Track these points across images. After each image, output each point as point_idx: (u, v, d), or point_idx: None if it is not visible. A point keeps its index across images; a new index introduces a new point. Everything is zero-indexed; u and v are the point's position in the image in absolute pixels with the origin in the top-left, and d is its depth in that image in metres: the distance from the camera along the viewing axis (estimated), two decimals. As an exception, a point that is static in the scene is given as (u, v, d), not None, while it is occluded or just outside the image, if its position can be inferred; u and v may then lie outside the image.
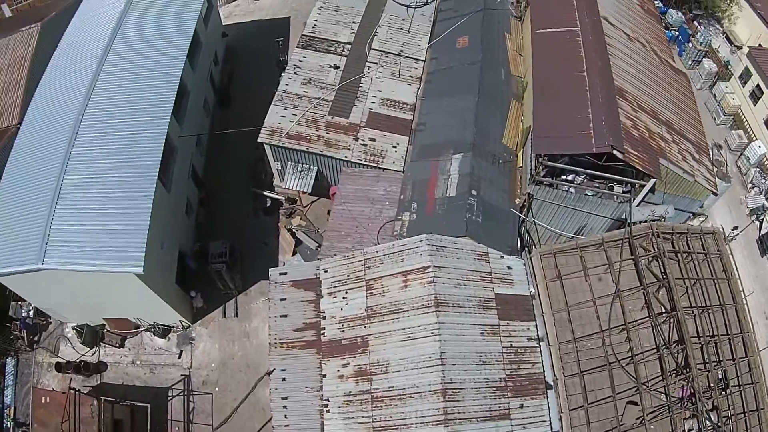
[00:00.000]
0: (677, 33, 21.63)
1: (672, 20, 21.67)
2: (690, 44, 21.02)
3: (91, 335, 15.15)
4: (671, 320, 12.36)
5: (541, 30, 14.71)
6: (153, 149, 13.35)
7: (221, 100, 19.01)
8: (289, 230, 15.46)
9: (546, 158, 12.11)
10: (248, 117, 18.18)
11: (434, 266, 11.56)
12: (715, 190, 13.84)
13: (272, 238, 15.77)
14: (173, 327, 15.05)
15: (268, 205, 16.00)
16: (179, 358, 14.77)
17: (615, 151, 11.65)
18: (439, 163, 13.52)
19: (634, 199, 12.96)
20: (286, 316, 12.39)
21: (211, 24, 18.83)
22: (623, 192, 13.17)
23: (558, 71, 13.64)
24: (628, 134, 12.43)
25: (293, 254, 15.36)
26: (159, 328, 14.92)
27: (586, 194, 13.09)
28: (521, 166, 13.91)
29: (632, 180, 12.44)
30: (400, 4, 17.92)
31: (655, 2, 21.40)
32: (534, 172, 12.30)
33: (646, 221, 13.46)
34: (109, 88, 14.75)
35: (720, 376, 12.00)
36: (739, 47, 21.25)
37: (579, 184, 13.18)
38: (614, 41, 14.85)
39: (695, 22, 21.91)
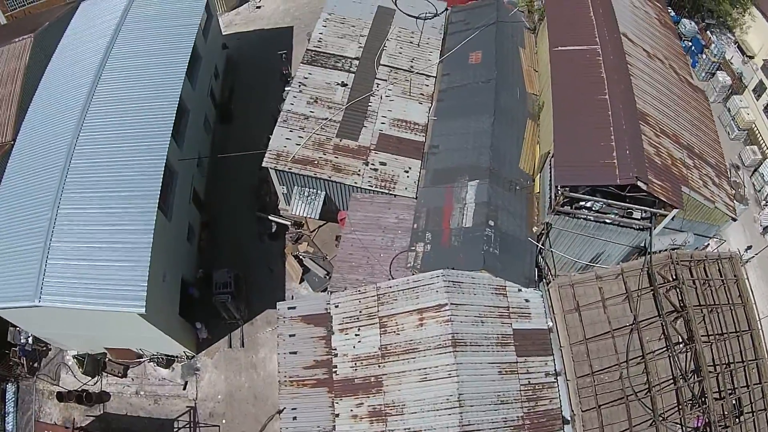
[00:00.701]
0: (690, 44, 21.21)
1: (685, 30, 21.33)
2: (704, 56, 20.69)
3: (93, 364, 14.90)
4: (689, 350, 12.20)
5: (560, 48, 14.26)
6: (152, 177, 12.99)
7: (222, 115, 18.54)
8: (296, 257, 15.10)
9: (567, 188, 11.71)
10: (251, 134, 17.72)
11: (451, 304, 11.33)
12: (734, 216, 13.61)
13: (278, 264, 15.47)
14: (177, 357, 14.72)
15: (273, 230, 15.62)
16: (184, 389, 14.51)
17: (639, 183, 11.29)
18: (454, 190, 13.17)
19: (654, 228, 12.63)
20: (295, 353, 12.11)
21: (211, 35, 18.26)
22: (642, 218, 12.86)
23: (578, 94, 13.29)
24: (651, 162, 12.13)
25: (300, 281, 15.02)
26: (162, 358, 14.60)
27: (605, 222, 12.74)
28: (538, 192, 13.52)
29: (653, 210, 12.08)
30: (408, 15, 17.33)
31: (669, 11, 20.94)
32: (554, 203, 11.91)
33: (665, 250, 13.25)
34: (104, 110, 14.39)
35: (734, 403, 11.91)
36: (752, 57, 20.93)
37: (598, 210, 12.84)
38: (635, 60, 14.46)
39: (707, 32, 21.50)
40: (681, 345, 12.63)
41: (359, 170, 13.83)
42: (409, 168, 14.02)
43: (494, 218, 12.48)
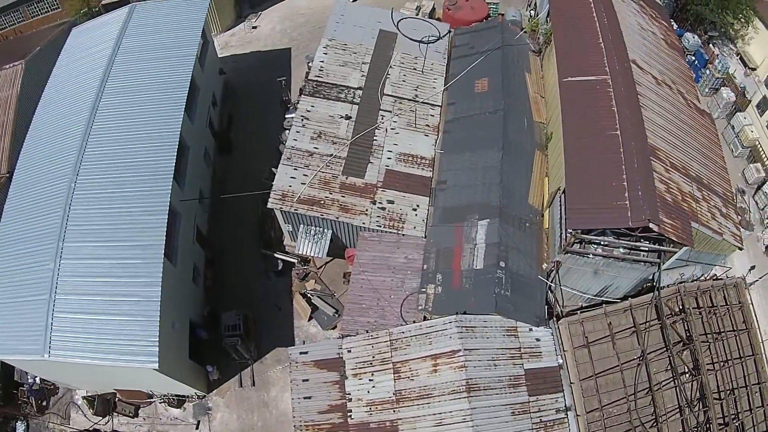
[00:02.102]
0: (694, 58, 21.57)
1: (689, 44, 21.81)
2: (708, 71, 21.09)
3: (103, 405, 15.58)
4: (695, 380, 12.84)
5: (569, 79, 14.58)
6: (156, 224, 13.39)
7: (222, 146, 18.91)
8: (304, 295, 15.42)
9: (579, 231, 12.12)
10: (252, 165, 18.02)
11: (465, 349, 11.92)
12: (741, 246, 14.18)
13: (286, 302, 16.03)
14: (188, 397, 15.15)
15: (279, 267, 15.96)
16: (197, 428, 15.12)
17: (652, 225, 11.77)
18: (464, 229, 13.67)
19: (663, 263, 13.11)
20: (309, 397, 12.61)
21: (208, 62, 18.56)
22: (650, 250, 13.35)
23: (589, 130, 13.94)
24: (662, 200, 12.72)
25: (309, 319, 15.40)
26: (173, 398, 14.99)
27: (614, 259, 13.21)
28: (548, 227, 13.92)
29: (662, 248, 12.56)
30: (411, 39, 17.44)
31: (672, 23, 21.22)
32: (565, 243, 12.33)
33: (674, 284, 13.78)
34: (102, 152, 14.76)
35: (737, 426, 12.66)
36: (754, 69, 21.36)
37: (607, 245, 13.28)
38: (644, 89, 14.96)
39: (710, 45, 21.88)
40: (687, 375, 13.31)
41: (367, 210, 14.28)
42: (417, 205, 14.48)
43: (505, 259, 12.98)
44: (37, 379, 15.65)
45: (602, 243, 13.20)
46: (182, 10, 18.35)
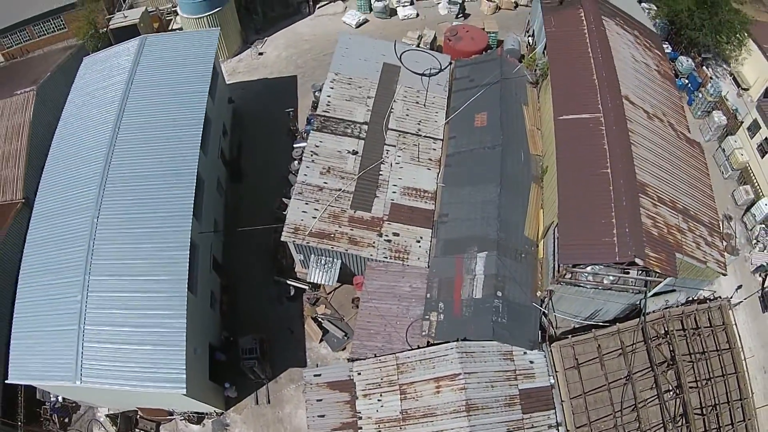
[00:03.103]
0: (687, 81, 23.17)
1: (682, 68, 23.45)
2: (700, 94, 22.74)
3: (125, 422, 17.48)
4: (678, 397, 14.73)
5: (564, 117, 16.28)
6: (179, 260, 14.92)
7: (233, 174, 20.77)
8: (315, 319, 17.27)
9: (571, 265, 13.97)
10: (263, 193, 19.83)
11: (465, 373, 13.73)
12: (724, 272, 15.97)
13: (298, 325, 17.92)
14: (207, 414, 17.02)
15: (291, 293, 17.81)
16: (214, 445, 16.84)
17: (637, 259, 13.56)
18: (464, 260, 15.50)
19: (649, 291, 14.94)
20: (323, 416, 14.48)
21: (218, 93, 20.36)
22: (637, 278, 15.19)
23: (582, 168, 15.88)
24: (648, 235, 14.59)
25: (320, 342, 17.25)
26: (193, 415, 16.86)
27: (603, 287, 15.05)
28: (542, 257, 15.73)
29: (647, 278, 14.37)
30: (413, 72, 19.09)
31: (666, 46, 22.83)
32: (558, 275, 14.15)
33: (659, 309, 15.64)
34: (121, 189, 16.07)
35: None
36: (746, 89, 22.94)
37: (597, 273, 15.11)
38: (635, 125, 16.79)
39: (704, 67, 23.47)
40: (671, 392, 15.22)
41: (374, 242, 16.19)
42: (421, 238, 16.40)
43: (502, 289, 14.87)
44: (60, 398, 17.44)
45: (593, 272, 15.06)
46: (193, 43, 20.11)
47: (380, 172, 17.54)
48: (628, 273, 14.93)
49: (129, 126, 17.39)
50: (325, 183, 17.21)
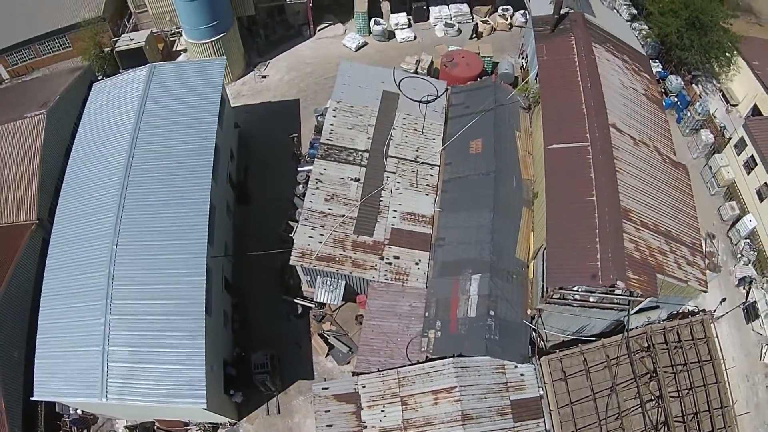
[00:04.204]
0: (676, 99, 25.14)
1: (671, 87, 25.37)
2: (689, 113, 24.65)
3: None
4: (659, 406, 16.88)
5: (554, 146, 18.38)
6: (196, 286, 16.84)
7: (240, 196, 22.78)
8: (321, 335, 19.42)
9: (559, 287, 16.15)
10: (269, 215, 21.94)
11: (460, 386, 15.89)
12: (705, 290, 18.11)
13: (305, 341, 20.16)
14: (221, 424, 19.21)
15: (299, 311, 19.98)
16: (228, 453, 19.05)
17: (619, 282, 15.70)
18: (460, 282, 17.71)
19: (632, 309, 17.07)
20: (331, 425, 16.71)
21: (225, 120, 22.51)
22: (621, 297, 17.32)
23: (569, 195, 18.03)
24: (630, 259, 16.82)
25: (326, 356, 19.41)
26: (208, 425, 19.05)
27: (589, 306, 17.18)
28: (532, 278, 17.85)
29: (630, 298, 16.49)
30: (411, 99, 21.13)
31: (655, 65, 24.78)
32: (546, 296, 16.28)
33: (642, 325, 17.78)
34: (137, 218, 17.91)
35: None
36: (735, 105, 24.91)
37: (583, 292, 17.25)
38: (621, 152, 19.06)
39: (693, 84, 25.41)
40: (653, 402, 17.36)
41: (376, 265, 18.38)
42: (419, 260, 18.54)
43: (494, 308, 17.07)
44: (79, 411, 19.46)
45: (580, 292, 17.20)
46: (200, 72, 21.99)
47: (381, 198, 19.84)
48: (612, 293, 17.08)
49: (142, 156, 19.21)
50: (330, 209, 19.46)
